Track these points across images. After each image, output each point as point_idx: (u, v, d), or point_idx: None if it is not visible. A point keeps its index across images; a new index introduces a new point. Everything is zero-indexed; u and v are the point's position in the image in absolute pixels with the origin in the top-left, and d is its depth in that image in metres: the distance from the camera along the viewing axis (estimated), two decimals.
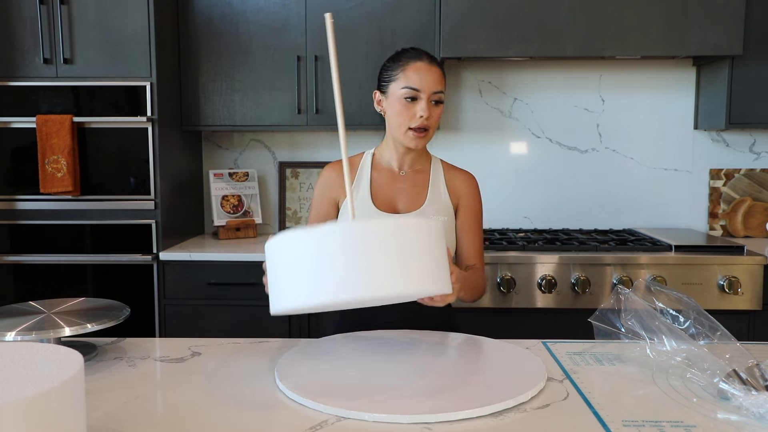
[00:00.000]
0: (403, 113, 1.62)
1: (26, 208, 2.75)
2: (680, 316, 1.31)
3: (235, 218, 3.12)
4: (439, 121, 1.70)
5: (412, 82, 1.61)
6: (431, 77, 1.61)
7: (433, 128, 1.65)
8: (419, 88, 1.60)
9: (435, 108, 1.63)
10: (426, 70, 1.61)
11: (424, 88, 1.60)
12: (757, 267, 2.57)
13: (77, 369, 0.85)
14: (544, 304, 2.61)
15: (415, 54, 1.64)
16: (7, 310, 1.44)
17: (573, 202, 3.21)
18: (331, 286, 1.09)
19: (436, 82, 1.62)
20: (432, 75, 1.61)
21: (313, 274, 1.10)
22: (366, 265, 1.09)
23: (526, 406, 1.14)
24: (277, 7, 2.90)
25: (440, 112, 1.64)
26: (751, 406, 1.06)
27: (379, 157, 1.74)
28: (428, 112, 1.60)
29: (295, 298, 1.12)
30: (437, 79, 1.62)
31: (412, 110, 1.61)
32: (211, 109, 2.96)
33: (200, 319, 2.73)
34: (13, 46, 2.69)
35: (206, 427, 1.06)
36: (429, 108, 1.61)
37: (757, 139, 3.15)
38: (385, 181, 1.71)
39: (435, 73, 1.62)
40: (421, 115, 1.60)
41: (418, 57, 1.63)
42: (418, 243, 1.15)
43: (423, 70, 1.61)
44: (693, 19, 2.68)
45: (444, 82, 1.65)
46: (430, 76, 1.61)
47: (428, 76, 1.61)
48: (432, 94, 1.61)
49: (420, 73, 1.61)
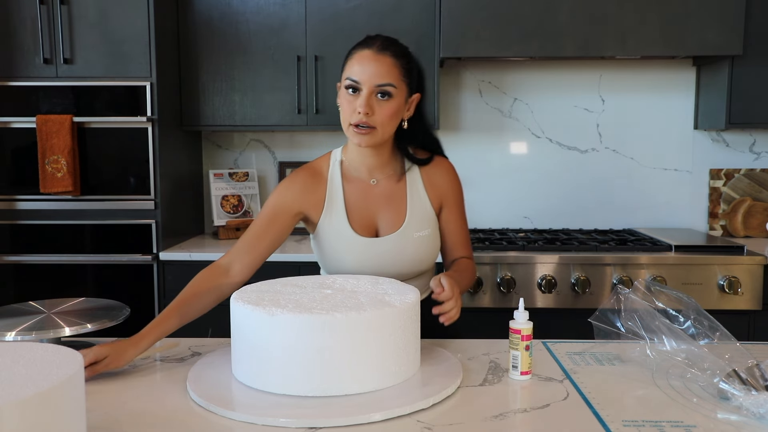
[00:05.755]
0: (344, 107, 1.46)
1: (26, 208, 2.75)
2: (680, 316, 1.31)
3: (235, 218, 3.12)
4: (398, 119, 1.49)
5: (353, 73, 1.44)
6: (376, 68, 1.42)
7: (384, 126, 1.45)
8: (359, 80, 1.43)
9: (380, 104, 1.43)
10: (371, 59, 1.43)
11: (364, 80, 1.42)
12: (757, 267, 2.57)
13: (77, 369, 0.85)
14: (544, 304, 2.61)
15: (365, 41, 1.48)
16: (7, 310, 1.44)
17: (573, 202, 3.20)
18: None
19: (382, 74, 1.42)
20: (378, 65, 1.43)
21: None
22: None
23: (527, 405, 1.14)
24: (277, 7, 2.90)
25: (391, 109, 1.44)
26: (751, 406, 1.06)
27: (347, 164, 1.57)
28: (366, 107, 1.42)
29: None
30: (383, 71, 1.42)
31: (352, 105, 1.44)
32: (211, 109, 2.96)
33: (200, 319, 2.72)
34: (13, 46, 2.69)
35: (206, 427, 1.06)
36: (370, 103, 1.42)
37: (757, 139, 3.15)
38: (360, 197, 1.55)
39: (382, 63, 1.43)
40: (359, 111, 1.42)
41: (366, 44, 1.46)
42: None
43: (367, 60, 1.43)
44: (693, 19, 2.68)
45: (398, 72, 1.44)
46: (374, 66, 1.42)
47: (372, 66, 1.42)
48: (374, 87, 1.42)
49: (363, 63, 1.43)
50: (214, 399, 1.13)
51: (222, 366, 1.30)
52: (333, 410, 1.08)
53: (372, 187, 1.56)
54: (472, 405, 1.15)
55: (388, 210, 1.55)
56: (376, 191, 1.56)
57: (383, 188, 1.56)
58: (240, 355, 1.21)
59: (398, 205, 1.55)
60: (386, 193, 1.56)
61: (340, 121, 1.49)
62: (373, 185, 1.56)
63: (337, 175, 1.56)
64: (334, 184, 1.55)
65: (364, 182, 1.56)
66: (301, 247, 2.86)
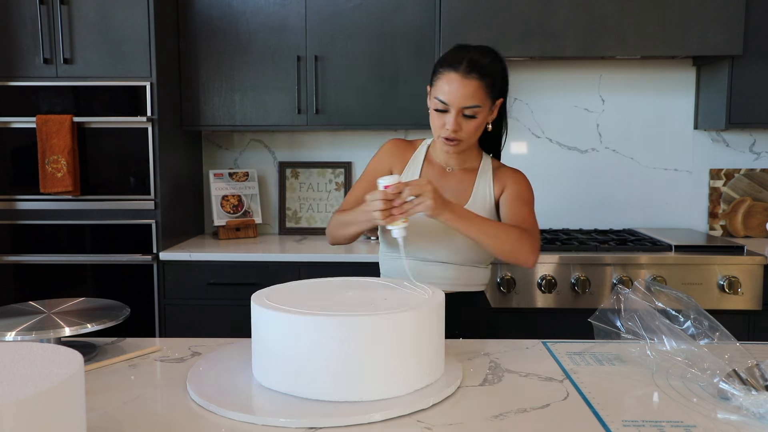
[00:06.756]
0: (434, 121, 1.61)
1: (26, 208, 2.75)
2: (680, 316, 1.31)
3: (235, 218, 3.12)
4: (483, 127, 1.62)
5: (441, 94, 1.56)
6: (463, 91, 1.54)
7: (470, 138, 1.60)
8: (447, 102, 1.56)
9: (467, 121, 1.57)
10: (458, 83, 1.54)
11: (452, 102, 1.55)
12: (757, 267, 2.57)
13: (77, 369, 0.85)
14: (544, 304, 2.61)
15: (453, 61, 1.57)
16: (7, 310, 1.44)
17: (573, 202, 3.21)
18: None
19: (468, 96, 1.54)
20: (464, 89, 1.54)
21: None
22: None
23: (527, 405, 1.14)
24: (277, 7, 2.90)
25: (476, 124, 1.58)
26: (751, 406, 1.06)
27: (432, 151, 1.74)
28: (455, 125, 1.56)
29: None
30: (469, 93, 1.54)
31: (441, 120, 1.58)
32: (211, 109, 2.96)
33: (200, 319, 2.73)
34: (13, 46, 2.69)
35: (206, 427, 1.06)
36: (457, 122, 1.56)
37: (757, 139, 3.15)
38: (435, 177, 1.69)
39: (468, 86, 1.54)
40: (448, 128, 1.56)
41: (453, 67, 1.56)
42: None
43: (454, 83, 1.55)
44: (693, 19, 2.68)
45: (483, 93, 1.56)
46: (461, 90, 1.54)
47: (459, 90, 1.54)
48: (462, 108, 1.55)
49: (450, 86, 1.55)
50: (214, 399, 1.13)
51: (222, 366, 1.30)
52: (333, 410, 1.08)
53: (446, 174, 1.72)
54: (472, 405, 1.15)
55: (454, 193, 1.67)
56: (448, 176, 1.71)
57: (456, 175, 1.71)
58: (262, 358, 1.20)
59: (464, 191, 1.68)
60: (457, 179, 1.70)
61: (430, 126, 1.64)
62: (448, 172, 1.72)
63: (422, 155, 1.75)
64: (417, 160, 1.74)
65: (441, 168, 1.72)
66: (301, 247, 2.86)
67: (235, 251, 2.75)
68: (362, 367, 1.11)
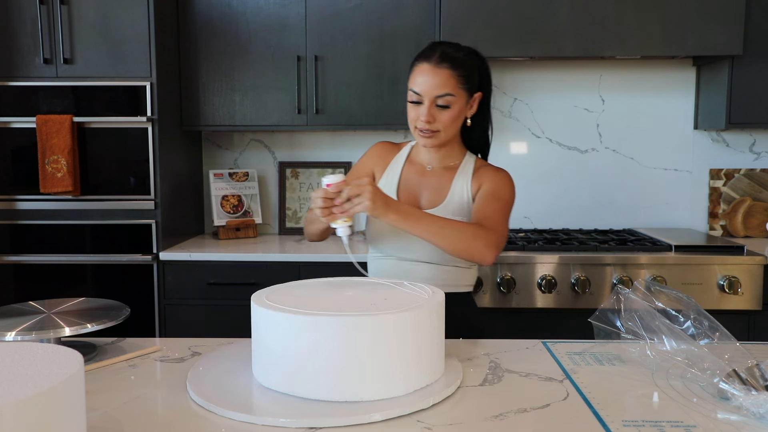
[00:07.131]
0: (410, 113, 1.62)
1: (26, 208, 2.75)
2: (680, 316, 1.31)
3: (235, 218, 3.12)
4: (460, 120, 1.63)
5: (415, 85, 1.59)
6: (434, 81, 1.56)
7: (446, 129, 1.60)
8: (420, 92, 1.58)
9: (441, 111, 1.58)
10: (430, 72, 1.57)
11: (425, 92, 1.57)
12: (757, 267, 2.57)
13: (77, 369, 0.85)
14: (544, 304, 2.61)
15: (426, 53, 1.60)
16: (7, 310, 1.44)
17: (573, 202, 3.21)
18: None
19: (439, 85, 1.56)
20: (436, 78, 1.56)
21: None
22: None
23: (526, 405, 1.14)
24: (277, 7, 2.90)
25: (451, 115, 1.59)
26: (751, 406, 1.06)
27: (414, 151, 1.75)
28: (428, 116, 1.57)
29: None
30: (440, 83, 1.56)
31: (416, 112, 1.60)
32: (211, 109, 2.96)
33: (200, 319, 2.73)
34: (13, 46, 2.69)
35: (206, 427, 1.06)
36: (431, 113, 1.57)
37: (757, 139, 3.15)
38: (414, 176, 1.71)
39: (440, 75, 1.56)
40: (422, 119, 1.58)
41: (425, 57, 1.59)
42: None
43: (426, 73, 1.57)
44: (693, 19, 2.68)
45: (455, 82, 1.57)
46: (433, 79, 1.56)
47: (431, 79, 1.56)
48: (434, 98, 1.57)
49: (423, 77, 1.57)
50: (214, 399, 1.13)
51: (222, 366, 1.30)
52: (333, 410, 1.08)
53: (426, 172, 1.72)
54: (472, 405, 1.15)
55: (432, 192, 1.68)
56: (428, 175, 1.71)
57: (435, 174, 1.71)
58: (262, 358, 1.19)
59: (442, 189, 1.68)
60: (436, 177, 1.70)
61: (407, 121, 1.65)
62: (428, 170, 1.72)
63: (404, 156, 1.76)
64: (398, 161, 1.75)
65: (422, 166, 1.73)
66: (301, 247, 2.86)
67: (235, 251, 2.75)
68: (362, 367, 1.11)
